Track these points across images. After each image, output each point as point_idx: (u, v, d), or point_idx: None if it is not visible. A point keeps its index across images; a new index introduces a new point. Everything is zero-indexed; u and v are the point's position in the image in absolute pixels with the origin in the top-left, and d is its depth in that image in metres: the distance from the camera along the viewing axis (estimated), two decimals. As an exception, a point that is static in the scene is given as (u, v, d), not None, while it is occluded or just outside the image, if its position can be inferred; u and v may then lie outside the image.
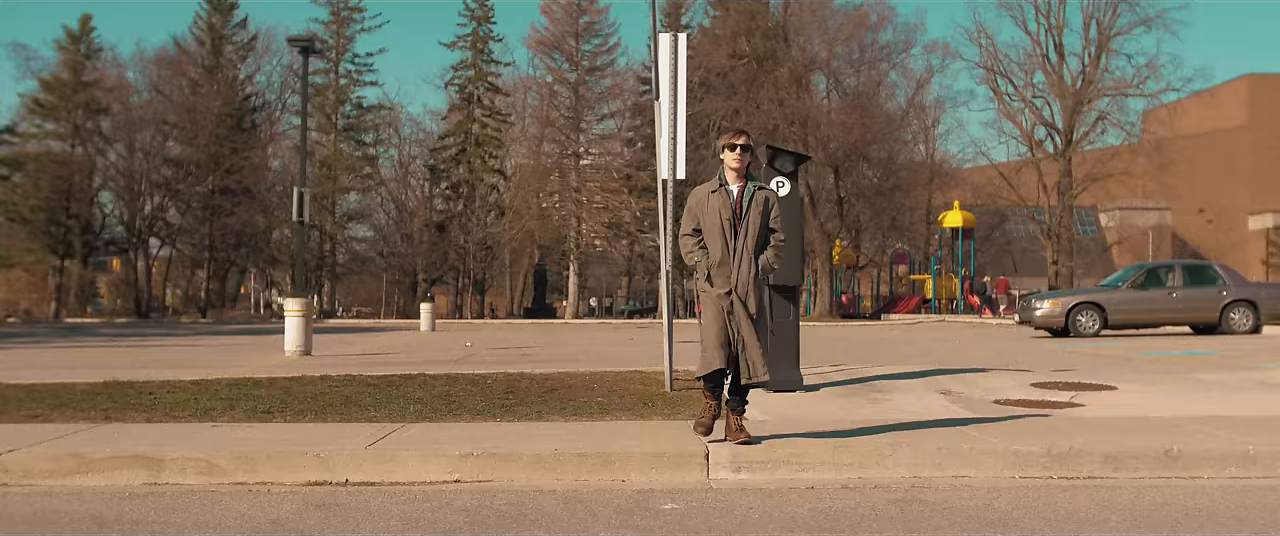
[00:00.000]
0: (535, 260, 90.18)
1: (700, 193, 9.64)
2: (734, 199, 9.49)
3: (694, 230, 9.58)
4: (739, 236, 9.42)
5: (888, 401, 12.75)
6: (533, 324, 55.63)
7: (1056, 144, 69.96)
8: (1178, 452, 9.27)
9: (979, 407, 12.29)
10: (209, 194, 74.37)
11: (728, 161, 9.52)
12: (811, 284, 66.16)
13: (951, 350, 24.17)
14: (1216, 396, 13.26)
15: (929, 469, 9.24)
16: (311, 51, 32.31)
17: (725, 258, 9.41)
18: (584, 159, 78.66)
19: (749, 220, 9.44)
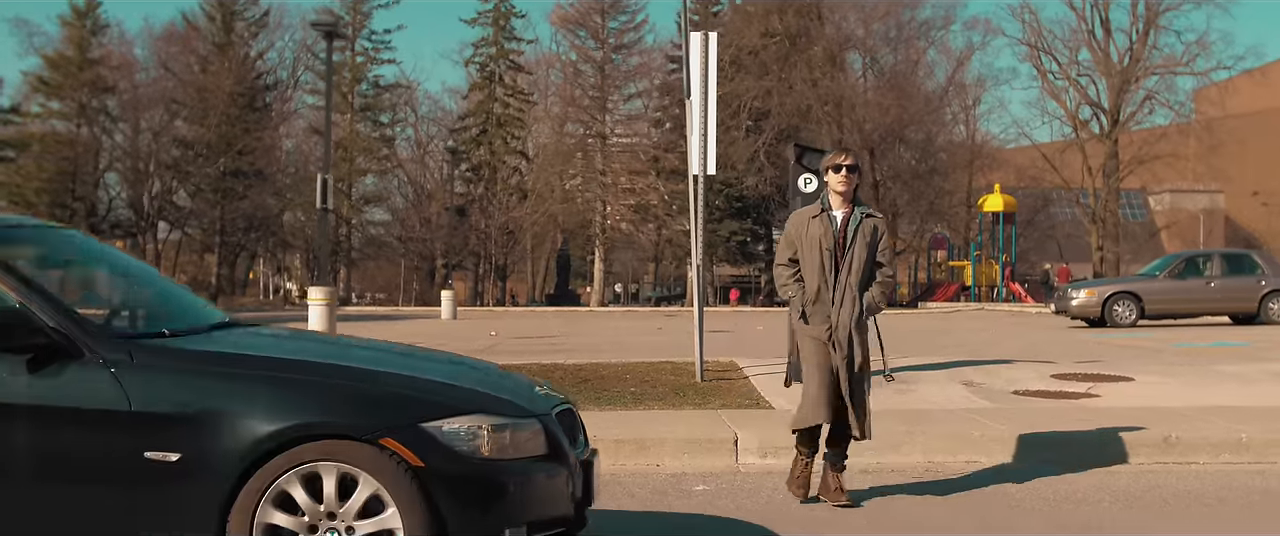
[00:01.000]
0: (558, 245, 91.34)
1: (800, 217, 8.95)
2: (838, 227, 8.75)
3: (790, 259, 8.90)
4: (842, 270, 8.70)
5: (912, 391, 13.99)
6: (556, 312, 56.78)
7: (1102, 124, 70.76)
8: (1176, 440, 10.51)
9: (998, 398, 13.53)
10: (219, 176, 75.38)
11: (832, 184, 8.83)
12: (847, 270, 67.39)
13: (985, 340, 25.34)
14: (1232, 388, 14.43)
15: (942, 454, 10.51)
16: (336, 36, 33.59)
17: (823, 293, 8.73)
18: (610, 140, 79.75)
19: (854, 252, 8.70)
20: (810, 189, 15.07)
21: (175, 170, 76.12)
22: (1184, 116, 70.96)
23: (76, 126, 75.88)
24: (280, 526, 5.60)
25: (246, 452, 5.52)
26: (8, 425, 5.64)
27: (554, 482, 6.06)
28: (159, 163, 75.41)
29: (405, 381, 6.18)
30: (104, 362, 5.66)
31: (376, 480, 5.56)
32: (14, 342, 5.61)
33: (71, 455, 5.60)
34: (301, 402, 5.69)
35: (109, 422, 5.57)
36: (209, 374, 5.77)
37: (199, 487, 5.55)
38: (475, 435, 5.81)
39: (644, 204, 78.99)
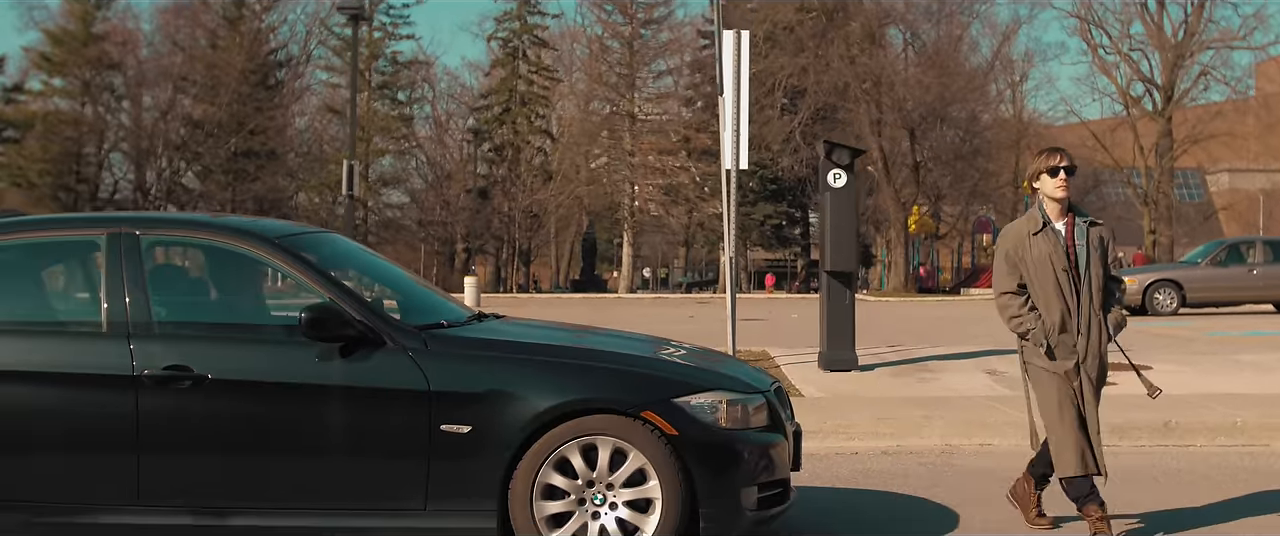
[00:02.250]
0: (584, 228, 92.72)
1: (1017, 234, 8.36)
2: (1064, 241, 8.20)
3: (1019, 286, 8.29)
4: (1083, 293, 8.18)
5: (936, 380, 15.60)
6: (582, 298, 58.27)
7: (1155, 101, 71.75)
8: (1175, 424, 12.11)
9: (1019, 386, 15.02)
10: (230, 156, 76.36)
11: (1047, 189, 8.27)
12: (886, 255, 68.61)
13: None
14: (1246, 376, 16.00)
15: (959, 437, 12.13)
16: (361, 18, 35.19)
17: (1067, 320, 8.15)
18: (638, 119, 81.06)
19: (1090, 269, 8.19)
20: (839, 184, 16.66)
21: (183, 150, 77.04)
22: (1241, 93, 71.94)
23: (81, 105, 76.69)
24: (557, 487, 7.23)
25: (527, 424, 7.17)
26: (325, 402, 7.35)
27: (777, 449, 7.72)
28: (167, 142, 76.26)
29: (656, 364, 7.96)
30: (404, 349, 7.34)
31: (643, 455, 7.20)
32: (327, 333, 7.26)
33: (378, 427, 7.30)
34: (575, 381, 7.38)
35: (410, 400, 7.25)
36: (492, 358, 7.50)
37: (486, 455, 7.20)
38: (716, 408, 7.44)
39: (674, 185, 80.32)
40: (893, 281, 64.81)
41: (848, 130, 63.17)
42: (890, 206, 63.33)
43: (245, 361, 7.46)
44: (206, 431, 7.32)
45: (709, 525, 7.29)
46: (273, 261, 7.88)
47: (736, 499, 7.39)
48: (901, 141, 64.35)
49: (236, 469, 7.34)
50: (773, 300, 53.95)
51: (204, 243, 8.31)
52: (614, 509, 7.27)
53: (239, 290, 8.42)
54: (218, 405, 7.30)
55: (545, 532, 7.21)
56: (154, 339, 7.40)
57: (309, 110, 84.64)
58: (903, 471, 10.89)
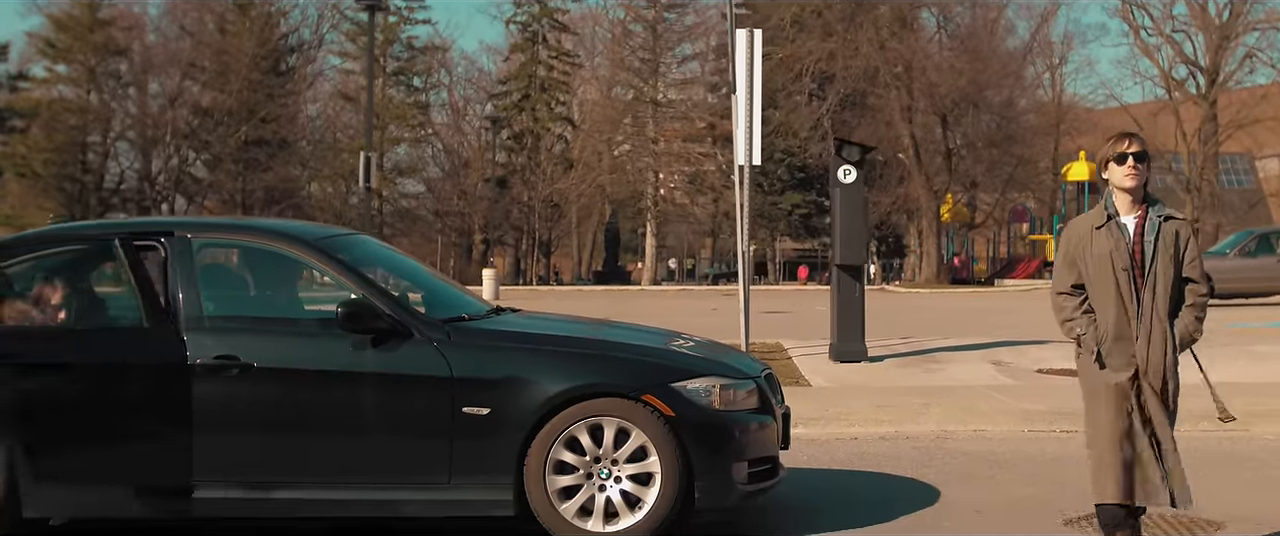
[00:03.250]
0: (606, 218, 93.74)
1: (1079, 228, 7.99)
2: (1131, 237, 7.78)
3: (1074, 286, 7.94)
4: (1145, 294, 7.73)
5: (941, 370, 16.88)
6: (604, 291, 59.25)
7: (1199, 84, 72.40)
8: (1160, 411, 13.31)
9: (1021, 376, 16.40)
10: (241, 145, 76.86)
11: (1115, 178, 7.85)
12: (917, 245, 69.64)
13: (1042, 321, 28.00)
14: (1253, 366, 17.24)
15: (954, 424, 13.39)
16: (376, 8, 36.46)
17: (1123, 325, 7.74)
18: (662, 105, 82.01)
19: (1157, 268, 7.73)
20: (849, 180, 17.92)
21: (192, 139, 77.46)
22: (1290, 75, 72.57)
23: (86, 92, 77.26)
24: (567, 462, 8.49)
25: (540, 407, 8.44)
26: (359, 388, 8.64)
27: (766, 430, 9.02)
28: (175, 131, 76.59)
29: (657, 351, 9.25)
30: (429, 340, 8.62)
31: (644, 434, 8.47)
32: (361, 326, 8.55)
33: (407, 410, 8.58)
34: (583, 368, 8.68)
35: (435, 386, 8.52)
36: (508, 347, 8.82)
37: (503, 435, 8.47)
38: (710, 392, 8.72)
39: (699, 173, 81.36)
40: (925, 272, 65.80)
41: (878, 116, 64.25)
42: (922, 195, 64.28)
43: (287, 351, 8.78)
44: (253, 414, 8.62)
45: (703, 497, 8.57)
46: (311, 261, 9.23)
47: (729, 473, 8.66)
48: (933, 128, 65.31)
49: (280, 447, 8.64)
50: (801, 292, 55.09)
51: (248, 244, 9.66)
52: (618, 482, 8.52)
53: (278, 287, 9.78)
54: (263, 390, 8.61)
55: (557, 504, 8.47)
56: (205, 331, 8.71)
57: (321, 97, 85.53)
58: (897, 454, 12.14)
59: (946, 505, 9.92)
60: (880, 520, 9.38)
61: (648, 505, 8.50)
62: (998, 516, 9.49)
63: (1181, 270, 7.78)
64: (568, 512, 8.48)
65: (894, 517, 9.46)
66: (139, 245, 9.17)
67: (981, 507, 9.81)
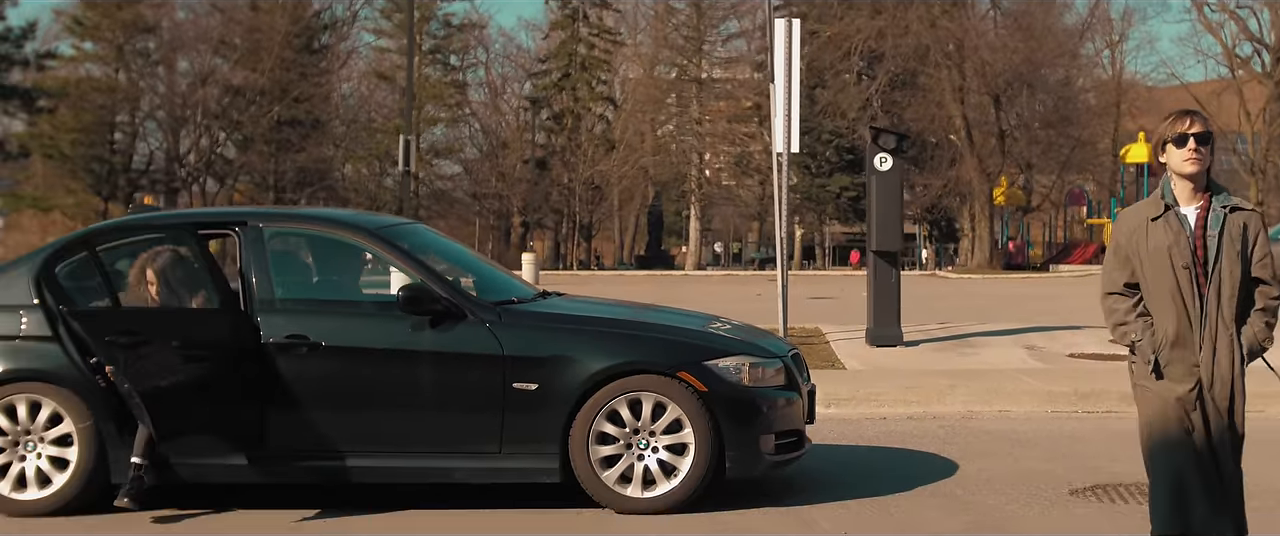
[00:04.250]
0: (649, 200, 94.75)
1: (1133, 219, 7.34)
2: (1192, 230, 7.13)
3: (1127, 285, 7.31)
4: (1209, 296, 7.07)
5: (974, 355, 18.11)
6: (647, 276, 60.28)
7: (1264, 61, 72.88)
8: (1178, 393, 14.52)
9: (1052, 360, 17.61)
10: (274, 126, 77.63)
11: (1174, 163, 7.20)
12: (970, 229, 70.43)
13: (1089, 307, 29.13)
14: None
15: (979, 404, 14.63)
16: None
17: (1184, 331, 7.08)
18: (706, 84, 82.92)
19: (1222, 267, 7.08)
20: (885, 168, 19.13)
21: (222, 119, 78.16)
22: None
23: (114, 71, 78.27)
24: (608, 433, 9.73)
25: (584, 382, 9.68)
26: (419, 365, 9.91)
27: (792, 405, 10.27)
28: (205, 111, 77.20)
29: (691, 332, 10.50)
30: (482, 321, 9.89)
31: (679, 408, 9.69)
32: (420, 308, 9.81)
33: (462, 385, 9.85)
34: (623, 347, 9.94)
35: (488, 363, 9.79)
36: (555, 328, 10.12)
37: (550, 408, 9.72)
38: (739, 369, 9.98)
39: (745, 154, 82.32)
40: (977, 257, 66.55)
41: (928, 96, 65.02)
42: (974, 178, 64.89)
43: (351, 331, 10.08)
44: (320, 388, 9.91)
45: (733, 466, 9.83)
46: (373, 248, 10.58)
47: (757, 445, 9.92)
48: (986, 108, 65.89)
49: (345, 418, 9.92)
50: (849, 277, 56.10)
51: (314, 233, 10.98)
52: (655, 452, 9.77)
53: (342, 272, 11.10)
54: (330, 367, 9.91)
55: (599, 471, 9.73)
56: (276, 313, 10.01)
57: (354, 75, 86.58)
58: (922, 433, 13.37)
59: (963, 477, 11.13)
60: (900, 489, 10.60)
61: (682, 473, 9.74)
62: (1008, 487, 10.67)
63: (1250, 269, 7.11)
64: (609, 480, 9.74)
65: (912, 488, 10.67)
66: (216, 233, 10.49)
67: (994, 479, 11.00)
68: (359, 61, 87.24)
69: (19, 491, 9.90)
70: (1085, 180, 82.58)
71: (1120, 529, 9.35)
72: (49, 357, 9.96)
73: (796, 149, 19.87)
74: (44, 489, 9.90)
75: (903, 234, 20.12)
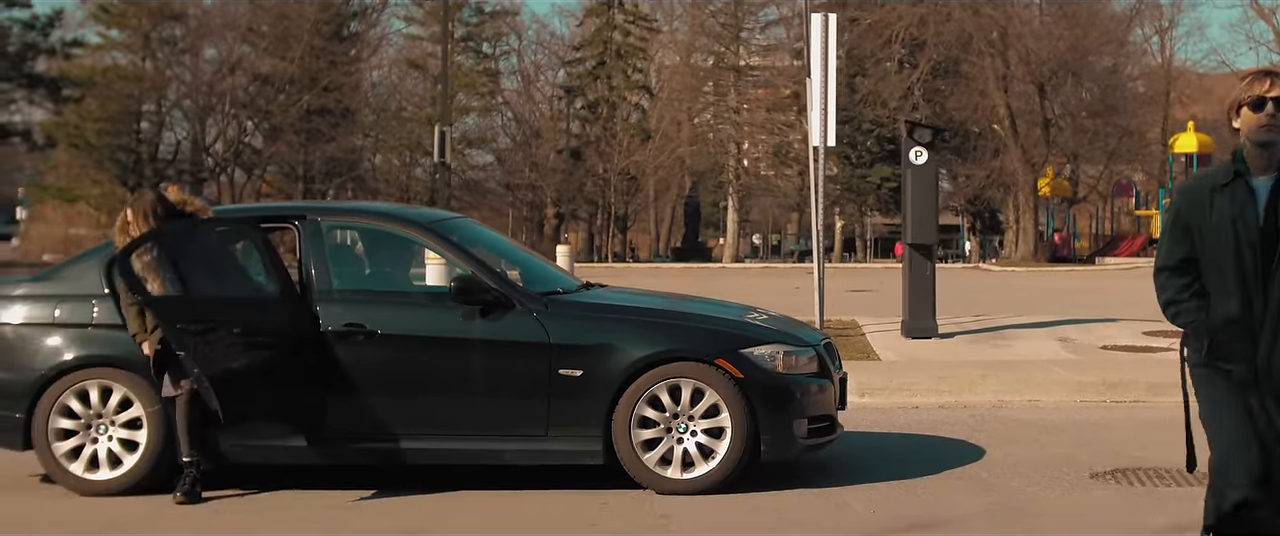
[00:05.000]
0: (686, 191, 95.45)
1: (1195, 189, 6.90)
2: (1262, 205, 6.65)
3: (1183, 260, 6.86)
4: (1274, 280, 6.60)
5: (1008, 346, 18.96)
6: (684, 268, 60.97)
7: (1318, 49, 73.61)
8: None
9: (1084, 352, 18.44)
10: (303, 115, 78.03)
11: (1247, 129, 6.71)
12: (1013, 221, 71.01)
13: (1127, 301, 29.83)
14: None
15: (1009, 394, 15.48)
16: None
17: (1244, 315, 6.63)
18: (744, 73, 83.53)
19: None
20: (920, 161, 19.97)
21: (251, 108, 78.86)
22: None
23: (141, 59, 79.01)
24: (649, 418, 10.61)
25: (626, 369, 10.57)
26: (470, 352, 10.84)
27: (824, 392, 11.15)
28: (233, 100, 77.70)
29: (728, 322, 11.46)
30: (530, 311, 10.81)
31: (717, 393, 10.54)
32: (470, 298, 10.73)
33: (511, 371, 10.77)
34: (663, 336, 10.88)
35: (536, 350, 10.68)
36: (599, 318, 11.04)
37: (594, 393, 10.62)
38: (774, 357, 10.86)
39: (784, 144, 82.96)
40: (1020, 250, 67.14)
41: (971, 85, 65.68)
42: (1018, 168, 65.57)
43: (405, 319, 11.00)
44: (376, 374, 10.80)
45: (768, 449, 10.70)
46: (426, 241, 11.58)
47: (790, 429, 10.79)
48: (1031, 97, 66.42)
49: (399, 402, 10.81)
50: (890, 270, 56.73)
51: (369, 226, 11.94)
52: (694, 435, 10.63)
53: (395, 264, 12.02)
54: (385, 354, 10.81)
55: (640, 454, 10.60)
56: (334, 302, 10.91)
57: (384, 62, 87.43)
58: (953, 421, 14.23)
59: (989, 462, 11.97)
60: (928, 473, 11.44)
61: (719, 455, 10.61)
62: (1032, 471, 11.50)
63: None
64: (650, 461, 10.61)
65: (939, 472, 11.52)
66: (277, 227, 11.43)
67: (1019, 463, 11.84)
68: (388, 49, 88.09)
69: (91, 472, 10.81)
70: (1134, 170, 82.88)
71: (1136, 509, 10.16)
72: (119, 344, 10.86)
73: (833, 143, 20.74)
74: (115, 469, 10.81)
75: (938, 227, 20.91)
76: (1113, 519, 9.90)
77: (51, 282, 11.52)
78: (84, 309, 11.05)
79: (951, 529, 9.65)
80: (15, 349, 11.11)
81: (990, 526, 9.67)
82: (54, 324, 11.03)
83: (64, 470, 10.84)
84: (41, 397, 10.85)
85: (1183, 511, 10.03)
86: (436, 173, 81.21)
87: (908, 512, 10.14)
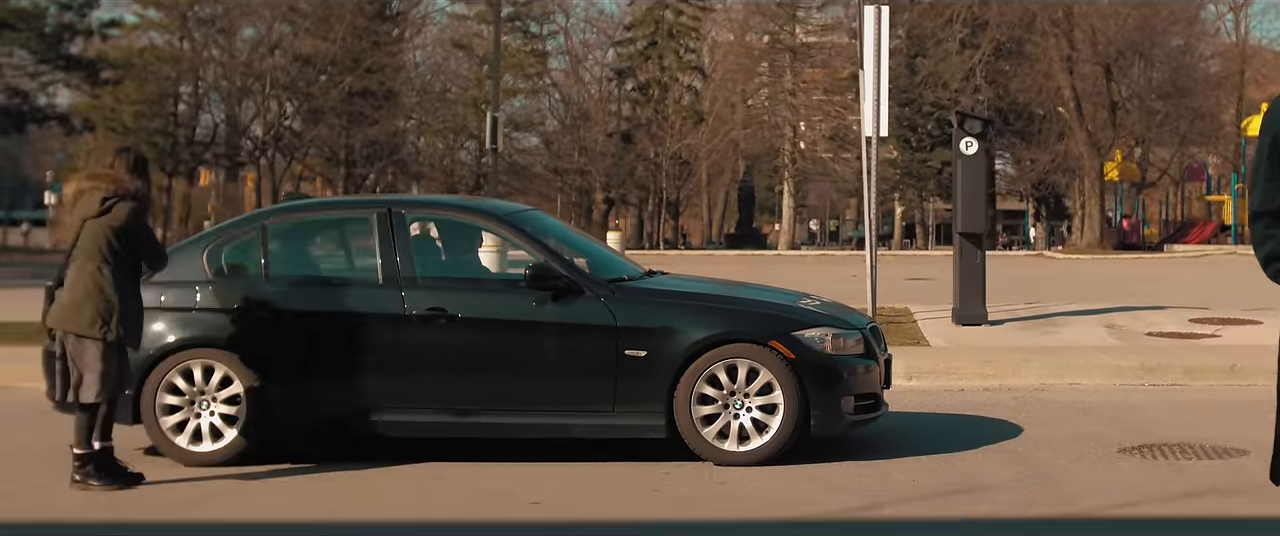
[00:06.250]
0: (740, 175, 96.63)
1: None
2: None
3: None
4: None
5: (1056, 333, 20.50)
6: (738, 256, 61.82)
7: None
8: (1238, 367, 16.92)
9: (1129, 339, 19.96)
10: (345, 97, 78.87)
11: None
12: (1079, 206, 71.98)
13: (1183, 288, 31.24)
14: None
15: (1051, 377, 17.03)
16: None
17: None
18: (801, 52, 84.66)
19: None
20: (971, 151, 21.49)
21: (291, 90, 79.43)
22: None
23: (178, 40, 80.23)
24: (708, 395, 12.16)
25: (686, 350, 12.21)
26: (543, 335, 12.46)
27: (870, 372, 12.74)
28: (273, 81, 78.17)
29: (780, 306, 13.12)
30: (598, 296, 12.42)
31: (770, 372, 12.12)
32: (543, 285, 12.36)
33: (580, 352, 12.40)
34: (721, 319, 12.50)
35: (604, 333, 12.31)
36: (661, 302, 12.71)
37: (657, 372, 12.19)
38: (823, 339, 12.43)
39: (842, 126, 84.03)
40: (1085, 236, 67.86)
41: (1035, 66, 66.62)
42: (1084, 152, 66.52)
43: (482, 304, 12.65)
44: (457, 354, 12.44)
45: (818, 424, 12.29)
46: (501, 232, 13.28)
47: (838, 406, 12.38)
48: (1097, 79, 67.20)
49: (478, 381, 12.45)
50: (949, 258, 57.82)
51: (449, 219, 13.68)
52: (749, 411, 12.21)
53: (470, 253, 13.67)
54: (464, 336, 12.44)
55: (699, 428, 12.18)
56: (417, 288, 12.55)
57: (427, 41, 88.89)
58: (995, 402, 15.81)
59: (1025, 438, 13.53)
60: (967, 448, 13.02)
61: (773, 430, 12.18)
62: (1064, 446, 13.05)
63: None
64: (708, 435, 12.19)
65: (978, 447, 13.09)
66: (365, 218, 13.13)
67: (1053, 440, 13.39)
68: (431, 28, 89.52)
69: (195, 444, 12.42)
70: (1207, 154, 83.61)
71: (1156, 479, 11.71)
72: (220, 326, 12.52)
73: (886, 133, 22.24)
74: (215, 442, 12.40)
75: (987, 216, 22.40)
76: (1132, 487, 11.41)
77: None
78: (188, 294, 12.67)
79: (983, 494, 11.20)
80: None
81: (1018, 493, 11.23)
82: (160, 308, 12.54)
83: (170, 442, 12.41)
84: (149, 376, 12.41)
85: (1200, 481, 11.62)
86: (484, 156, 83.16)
87: (944, 481, 11.71)
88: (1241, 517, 10.49)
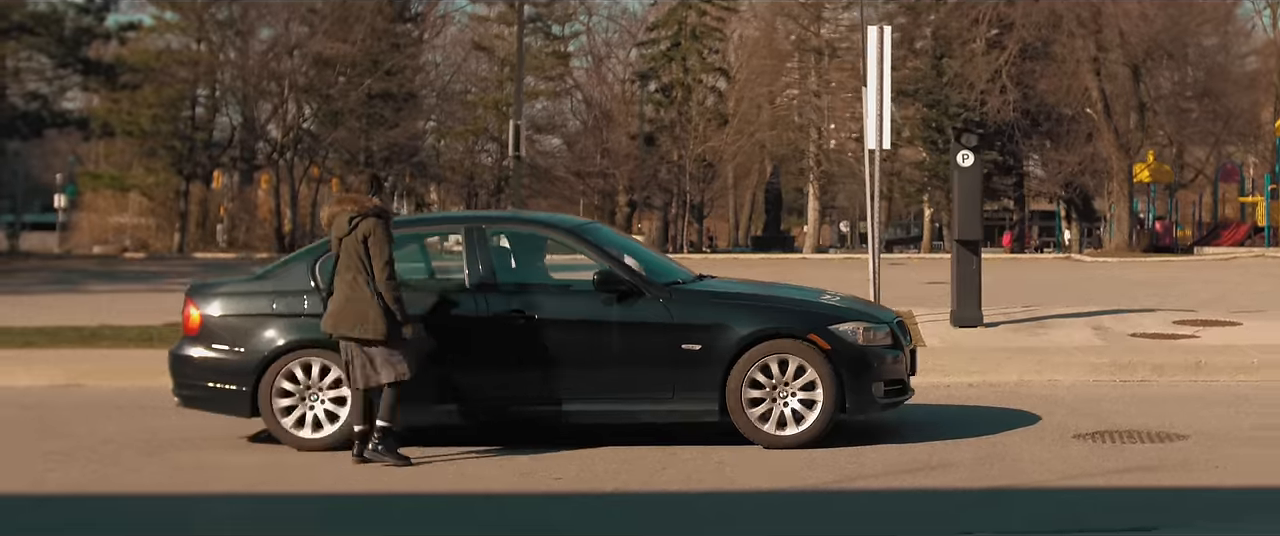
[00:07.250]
0: (767, 176, 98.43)
1: None
2: None
3: None
4: None
5: (1045, 334, 22.91)
6: (763, 259, 63.58)
7: None
8: (1203, 364, 19.35)
9: (1113, 339, 22.36)
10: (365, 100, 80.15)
11: None
12: (1108, 209, 73.42)
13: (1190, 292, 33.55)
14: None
15: (1031, 374, 19.52)
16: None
17: None
18: (825, 54, 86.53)
19: None
20: (967, 163, 23.87)
21: (310, 92, 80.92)
22: None
23: (196, 42, 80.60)
24: (758, 381, 14.53)
25: (736, 345, 14.62)
26: (610, 332, 14.93)
27: (898, 361, 15.22)
28: (292, 84, 79.69)
29: (818, 305, 15.62)
30: (657, 298, 14.92)
31: (810, 364, 14.53)
32: (609, 288, 14.83)
33: (643, 347, 14.88)
34: (766, 317, 15.06)
35: (662, 330, 14.82)
36: (713, 302, 15.27)
37: (709, 366, 14.62)
38: (856, 332, 14.86)
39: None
40: (1115, 239, 68.99)
41: (1062, 67, 68.12)
42: (1112, 154, 67.91)
43: (557, 306, 15.19)
44: (537, 352, 14.88)
45: (852, 408, 14.81)
46: (571, 243, 15.80)
47: (870, 391, 14.90)
48: (1125, 80, 68.41)
49: (556, 374, 14.90)
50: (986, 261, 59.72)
51: (524, 232, 16.48)
52: (793, 396, 14.65)
53: (541, 261, 16.33)
54: (543, 335, 14.91)
55: (749, 412, 14.65)
56: (500, 293, 15.11)
57: (447, 43, 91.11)
58: (975, 396, 18.31)
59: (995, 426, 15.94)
60: (943, 434, 15.45)
61: (814, 416, 14.66)
62: (1026, 432, 15.53)
63: None
64: (756, 420, 14.68)
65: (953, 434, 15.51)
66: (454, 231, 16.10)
67: (1019, 427, 15.82)
68: (451, 29, 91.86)
69: (303, 431, 14.91)
70: (1244, 154, 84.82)
71: (1097, 458, 14.13)
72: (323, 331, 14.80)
73: (888, 146, 24.63)
74: (321, 431, 14.91)
75: (983, 224, 24.69)
76: (1073, 464, 13.81)
77: (269, 280, 15.70)
78: (297, 302, 15.20)
79: (945, 470, 13.63)
80: (243, 335, 15.19)
81: (975, 469, 13.66)
82: (272, 314, 15.19)
83: (284, 430, 14.92)
84: (265, 373, 14.93)
85: (1134, 460, 14.06)
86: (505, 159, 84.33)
87: (911, 459, 14.16)
88: (1153, 488, 12.92)
